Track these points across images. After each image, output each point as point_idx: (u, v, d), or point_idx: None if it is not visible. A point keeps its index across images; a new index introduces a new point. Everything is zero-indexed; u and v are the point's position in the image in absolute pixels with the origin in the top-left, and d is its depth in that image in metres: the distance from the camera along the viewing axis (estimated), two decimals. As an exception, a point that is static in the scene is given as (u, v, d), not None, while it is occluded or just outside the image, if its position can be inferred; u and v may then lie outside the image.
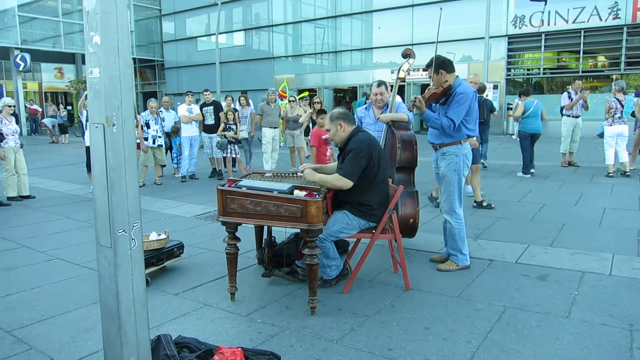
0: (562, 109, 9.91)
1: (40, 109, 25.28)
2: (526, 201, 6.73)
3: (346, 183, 3.56)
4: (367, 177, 3.61)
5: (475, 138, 5.31)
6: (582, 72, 17.26)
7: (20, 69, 21.79)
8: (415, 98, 4.11)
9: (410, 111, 4.64)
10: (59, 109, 20.99)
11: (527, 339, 2.92)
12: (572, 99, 9.63)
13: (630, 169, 8.46)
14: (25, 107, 23.76)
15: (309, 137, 9.28)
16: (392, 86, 4.92)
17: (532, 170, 8.84)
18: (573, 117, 9.66)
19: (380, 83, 4.94)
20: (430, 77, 4.14)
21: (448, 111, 4.02)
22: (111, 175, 2.13)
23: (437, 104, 4.19)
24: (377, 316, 3.29)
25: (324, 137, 5.99)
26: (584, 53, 17.10)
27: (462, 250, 4.12)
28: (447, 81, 4.05)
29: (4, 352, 2.94)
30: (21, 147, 7.78)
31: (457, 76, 4.14)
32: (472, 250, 4.44)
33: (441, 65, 4.07)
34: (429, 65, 4.12)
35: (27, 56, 21.48)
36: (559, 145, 10.16)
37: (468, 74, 15.56)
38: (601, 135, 9.07)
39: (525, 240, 4.87)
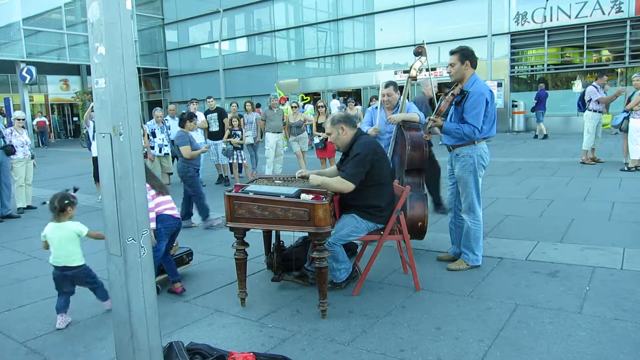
0: (582, 103, 9.56)
1: (47, 122, 25.48)
2: (534, 198, 6.70)
3: (348, 186, 3.52)
4: (373, 180, 3.59)
5: None
6: (587, 66, 17.17)
7: (27, 81, 22.00)
8: (429, 120, 4.02)
9: (427, 140, 4.38)
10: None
11: (540, 335, 2.90)
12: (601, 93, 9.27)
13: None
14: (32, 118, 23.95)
15: (316, 141, 9.32)
16: (402, 87, 4.81)
17: None
18: (598, 112, 9.33)
19: (389, 84, 4.75)
20: (451, 64, 3.96)
21: (465, 115, 3.88)
22: (119, 184, 2.15)
23: (452, 106, 4.04)
24: (387, 317, 3.29)
25: None
26: (587, 48, 17.01)
27: (475, 251, 4.09)
28: (458, 85, 3.95)
29: (18, 362, 2.96)
30: (32, 158, 7.88)
31: (474, 73, 3.99)
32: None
33: (470, 56, 3.93)
34: (454, 52, 3.96)
35: (33, 69, 21.67)
36: (565, 140, 10.04)
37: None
38: (617, 126, 8.99)
39: (534, 237, 4.84)
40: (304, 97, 18.53)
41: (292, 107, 10.81)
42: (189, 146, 6.09)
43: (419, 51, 4.73)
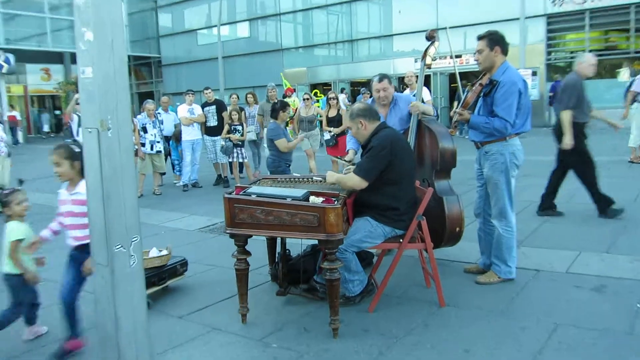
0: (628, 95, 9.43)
1: (20, 117, 25.07)
2: (575, 202, 6.63)
3: (358, 182, 3.54)
4: (391, 179, 3.59)
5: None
6: (635, 52, 17.00)
7: (3, 70, 22.24)
8: (454, 113, 4.02)
9: (452, 135, 4.37)
10: None
11: (583, 360, 2.87)
12: None
13: None
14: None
15: (326, 137, 9.31)
16: (417, 76, 4.80)
17: None
18: None
19: (382, 77, 4.63)
20: (478, 51, 3.97)
21: (495, 108, 3.86)
22: (107, 184, 2.15)
23: (481, 98, 4.01)
24: (408, 337, 3.26)
25: None
26: (635, 31, 16.84)
27: (507, 262, 4.05)
28: (486, 74, 3.95)
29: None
30: (8, 155, 7.97)
31: (505, 60, 3.97)
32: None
33: (500, 41, 3.91)
34: (482, 37, 3.96)
35: (11, 57, 21.92)
36: (612, 136, 9.88)
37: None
38: None
39: (576, 246, 4.79)
40: (318, 94, 18.48)
41: (304, 99, 10.60)
42: (284, 139, 6.27)
43: (432, 35, 4.73)
